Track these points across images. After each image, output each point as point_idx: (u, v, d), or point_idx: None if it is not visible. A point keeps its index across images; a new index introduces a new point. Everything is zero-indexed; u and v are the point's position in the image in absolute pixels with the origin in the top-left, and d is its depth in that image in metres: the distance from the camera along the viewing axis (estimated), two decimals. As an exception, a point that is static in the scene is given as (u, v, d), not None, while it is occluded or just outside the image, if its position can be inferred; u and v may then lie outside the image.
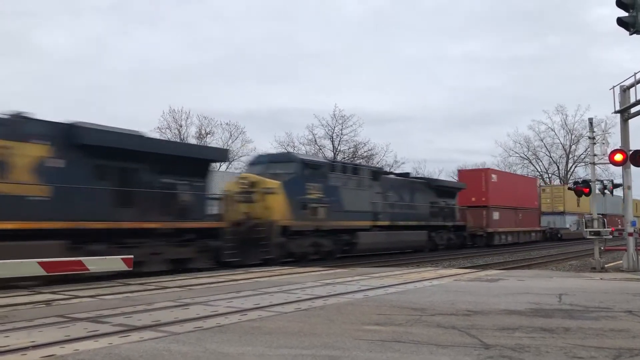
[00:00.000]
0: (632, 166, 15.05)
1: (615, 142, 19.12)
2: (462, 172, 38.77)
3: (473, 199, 33.30)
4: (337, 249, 21.20)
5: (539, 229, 41.80)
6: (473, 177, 35.07)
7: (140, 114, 68.57)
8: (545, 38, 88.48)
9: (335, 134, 50.09)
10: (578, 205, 47.13)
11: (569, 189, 20.38)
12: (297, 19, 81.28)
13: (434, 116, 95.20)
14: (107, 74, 68.66)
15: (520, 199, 37.78)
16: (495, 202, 34.06)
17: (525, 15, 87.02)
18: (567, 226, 44.42)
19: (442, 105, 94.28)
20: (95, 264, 11.72)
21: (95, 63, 69.03)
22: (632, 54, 72.62)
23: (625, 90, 15.28)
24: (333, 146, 50.10)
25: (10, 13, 66.28)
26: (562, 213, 45.66)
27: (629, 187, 15.28)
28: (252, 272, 14.20)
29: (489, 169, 36.55)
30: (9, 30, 66.77)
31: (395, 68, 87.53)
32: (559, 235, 44.21)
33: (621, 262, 15.62)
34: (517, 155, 67.88)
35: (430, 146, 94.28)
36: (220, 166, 36.67)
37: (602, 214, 45.44)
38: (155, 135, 39.57)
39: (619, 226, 47.28)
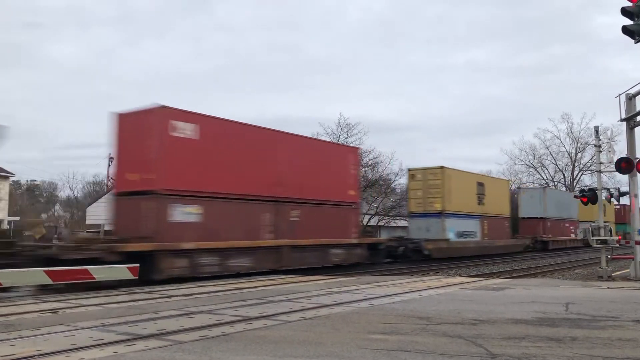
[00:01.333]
0: (638, 174, 15.02)
1: (621, 150, 19.05)
2: (121, 117, 15.64)
3: (132, 176, 15.04)
4: None
5: (356, 241, 21.35)
6: (134, 126, 15.33)
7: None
8: (549, 47, 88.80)
9: (340, 143, 50.17)
10: (480, 203, 30.10)
11: (575, 197, 20.24)
12: (302, 28, 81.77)
13: (439, 124, 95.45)
14: (114, 83, 69.17)
15: (294, 182, 18.38)
16: (181, 184, 14.94)
17: (528, 24, 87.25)
18: (448, 237, 27.19)
19: (447, 114, 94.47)
20: (101, 272, 11.76)
21: (103, 73, 69.50)
22: (637, 63, 72.58)
23: (631, 99, 15.28)
24: (338, 155, 50.05)
25: (20, 25, 66.96)
26: (440, 214, 27.04)
27: (636, 195, 15.22)
28: (258, 280, 14.20)
29: (167, 107, 14.60)
30: (19, 42, 67.37)
31: (399, 76, 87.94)
32: (426, 252, 25.57)
33: (628, 270, 15.53)
34: (522, 163, 67.61)
35: (434, 154, 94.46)
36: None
37: (541, 218, 40.17)
38: None
39: (572, 235, 40.91)
